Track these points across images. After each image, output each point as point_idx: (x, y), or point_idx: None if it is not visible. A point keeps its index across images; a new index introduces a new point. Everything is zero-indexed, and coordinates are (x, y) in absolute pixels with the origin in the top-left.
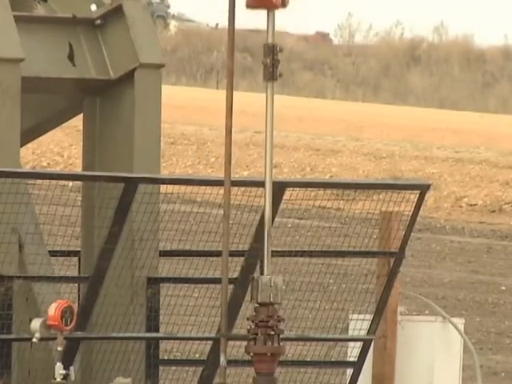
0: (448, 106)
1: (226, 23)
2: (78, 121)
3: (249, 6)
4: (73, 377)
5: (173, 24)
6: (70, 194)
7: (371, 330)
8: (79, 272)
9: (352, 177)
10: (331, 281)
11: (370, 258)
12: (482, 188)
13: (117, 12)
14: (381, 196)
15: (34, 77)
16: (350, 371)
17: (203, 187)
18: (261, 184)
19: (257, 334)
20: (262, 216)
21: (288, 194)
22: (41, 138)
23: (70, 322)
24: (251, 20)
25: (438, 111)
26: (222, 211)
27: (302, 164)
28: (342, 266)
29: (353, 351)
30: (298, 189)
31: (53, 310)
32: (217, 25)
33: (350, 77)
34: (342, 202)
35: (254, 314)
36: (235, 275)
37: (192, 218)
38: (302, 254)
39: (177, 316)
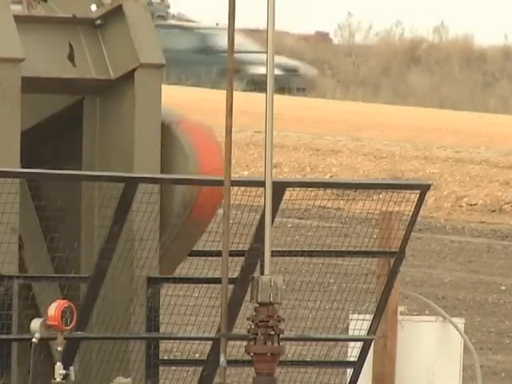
0: (448, 106)
1: (226, 23)
2: None
3: None
4: (73, 377)
5: None
6: None
7: (371, 329)
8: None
9: (352, 177)
10: (331, 280)
11: (370, 258)
12: (482, 188)
13: (117, 12)
14: (381, 196)
15: (33, 77)
16: (350, 371)
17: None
18: (261, 184)
19: (257, 334)
20: (262, 216)
21: (288, 194)
22: None
23: (70, 321)
24: (251, 20)
25: (438, 111)
26: (221, 211)
27: (302, 164)
28: (342, 265)
29: (353, 351)
30: (298, 189)
31: (53, 310)
32: (217, 25)
33: (350, 77)
34: (342, 201)
35: (254, 313)
36: (235, 275)
37: None
38: (302, 253)
39: (177, 316)
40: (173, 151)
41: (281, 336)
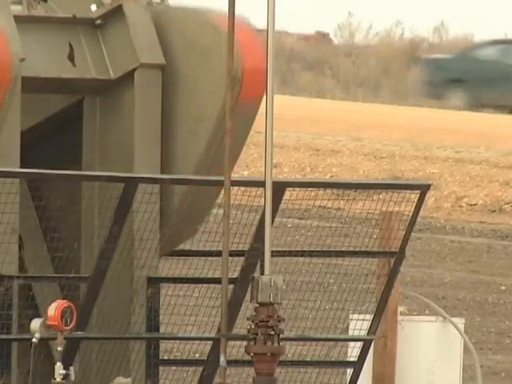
0: (448, 106)
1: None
2: None
3: None
4: (73, 377)
5: None
6: None
7: (371, 329)
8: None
9: (352, 177)
10: (331, 281)
11: (370, 258)
12: (482, 188)
13: (117, 12)
14: (381, 196)
15: (34, 77)
16: (350, 371)
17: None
18: (261, 184)
19: (257, 334)
20: (262, 216)
21: (288, 194)
22: None
23: (70, 321)
24: (251, 20)
25: (438, 111)
26: (221, 211)
27: (302, 164)
28: (343, 265)
29: (353, 351)
30: (298, 189)
31: (53, 310)
32: None
33: (349, 77)
34: (342, 201)
35: (254, 313)
36: (235, 275)
37: None
38: (303, 253)
39: (177, 316)
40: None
41: (281, 336)
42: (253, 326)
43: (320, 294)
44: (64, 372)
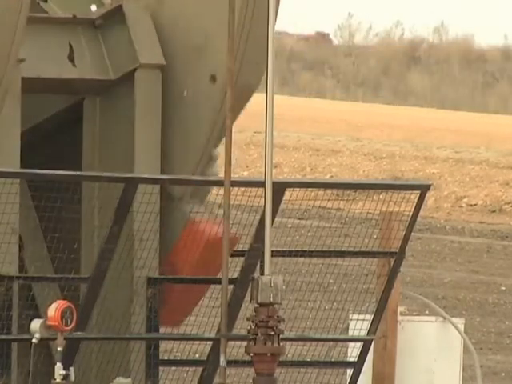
0: (448, 106)
1: None
2: None
3: None
4: (73, 377)
5: None
6: None
7: (371, 330)
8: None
9: (352, 177)
10: (331, 281)
11: (370, 258)
12: (482, 188)
13: (117, 12)
14: (381, 196)
15: (34, 77)
16: (350, 371)
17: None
18: (261, 184)
19: (257, 335)
20: (262, 216)
21: (288, 194)
22: None
23: (70, 322)
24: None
25: (438, 111)
26: (222, 211)
27: (302, 164)
28: (343, 266)
29: (353, 351)
30: (298, 189)
31: (53, 310)
32: None
33: (349, 77)
34: (342, 202)
35: (254, 314)
36: (235, 275)
37: None
38: (302, 254)
39: None
40: None
41: (281, 336)
42: (253, 327)
43: (320, 294)
44: (64, 372)
